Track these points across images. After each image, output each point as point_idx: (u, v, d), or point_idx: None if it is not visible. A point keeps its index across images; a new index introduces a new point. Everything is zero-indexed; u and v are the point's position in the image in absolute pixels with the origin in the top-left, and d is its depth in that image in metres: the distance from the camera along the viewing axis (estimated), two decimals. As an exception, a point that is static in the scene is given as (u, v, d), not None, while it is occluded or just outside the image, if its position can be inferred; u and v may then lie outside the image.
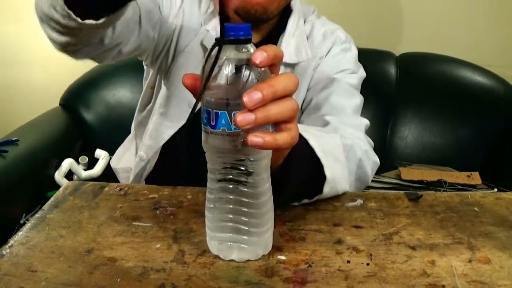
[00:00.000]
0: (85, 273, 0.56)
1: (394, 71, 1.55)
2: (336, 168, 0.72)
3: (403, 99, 1.54)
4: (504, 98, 1.50)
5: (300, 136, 0.60)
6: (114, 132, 1.38)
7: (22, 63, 1.95)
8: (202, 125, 0.54)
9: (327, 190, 0.70)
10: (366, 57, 1.10)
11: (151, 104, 1.05)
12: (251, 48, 0.52)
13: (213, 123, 0.51)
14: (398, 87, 1.53)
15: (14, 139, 1.31)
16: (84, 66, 1.64)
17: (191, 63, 0.93)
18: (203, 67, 0.52)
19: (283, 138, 0.52)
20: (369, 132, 0.94)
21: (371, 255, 0.59)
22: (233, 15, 0.89)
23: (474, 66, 1.55)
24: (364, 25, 1.68)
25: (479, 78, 1.54)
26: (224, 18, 0.52)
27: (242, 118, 0.49)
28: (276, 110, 0.50)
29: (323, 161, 0.69)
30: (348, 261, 0.58)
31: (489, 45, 1.67)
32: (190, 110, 0.89)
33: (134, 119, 1.14)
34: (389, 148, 1.51)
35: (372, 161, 0.88)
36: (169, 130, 0.97)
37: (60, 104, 1.67)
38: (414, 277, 0.55)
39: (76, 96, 1.67)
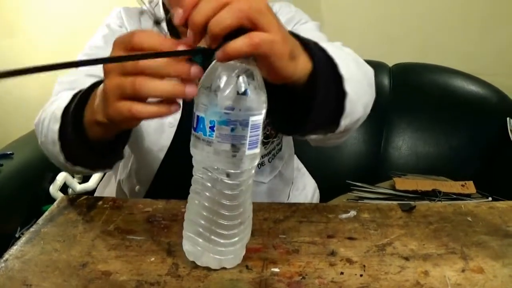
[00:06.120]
0: (80, 287, 0.56)
1: (388, 81, 1.56)
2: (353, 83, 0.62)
3: (396, 109, 1.54)
4: (497, 106, 1.51)
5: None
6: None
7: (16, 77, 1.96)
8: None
9: (349, 106, 0.61)
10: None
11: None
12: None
13: (194, 125, 0.53)
14: (391, 97, 1.54)
15: (9, 152, 1.31)
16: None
17: None
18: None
19: (239, 42, 0.47)
20: (363, 142, 0.94)
21: (364, 266, 0.60)
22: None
23: (467, 76, 1.56)
24: (357, 36, 1.69)
25: (472, 87, 1.54)
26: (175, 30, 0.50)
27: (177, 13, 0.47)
28: (208, 6, 0.46)
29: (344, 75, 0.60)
30: (342, 273, 0.58)
31: (482, 54, 1.69)
32: (171, 128, 0.88)
33: None
34: (383, 159, 1.51)
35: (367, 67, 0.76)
36: (159, 154, 0.92)
37: (55, 118, 1.66)
38: (407, 288, 0.55)
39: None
